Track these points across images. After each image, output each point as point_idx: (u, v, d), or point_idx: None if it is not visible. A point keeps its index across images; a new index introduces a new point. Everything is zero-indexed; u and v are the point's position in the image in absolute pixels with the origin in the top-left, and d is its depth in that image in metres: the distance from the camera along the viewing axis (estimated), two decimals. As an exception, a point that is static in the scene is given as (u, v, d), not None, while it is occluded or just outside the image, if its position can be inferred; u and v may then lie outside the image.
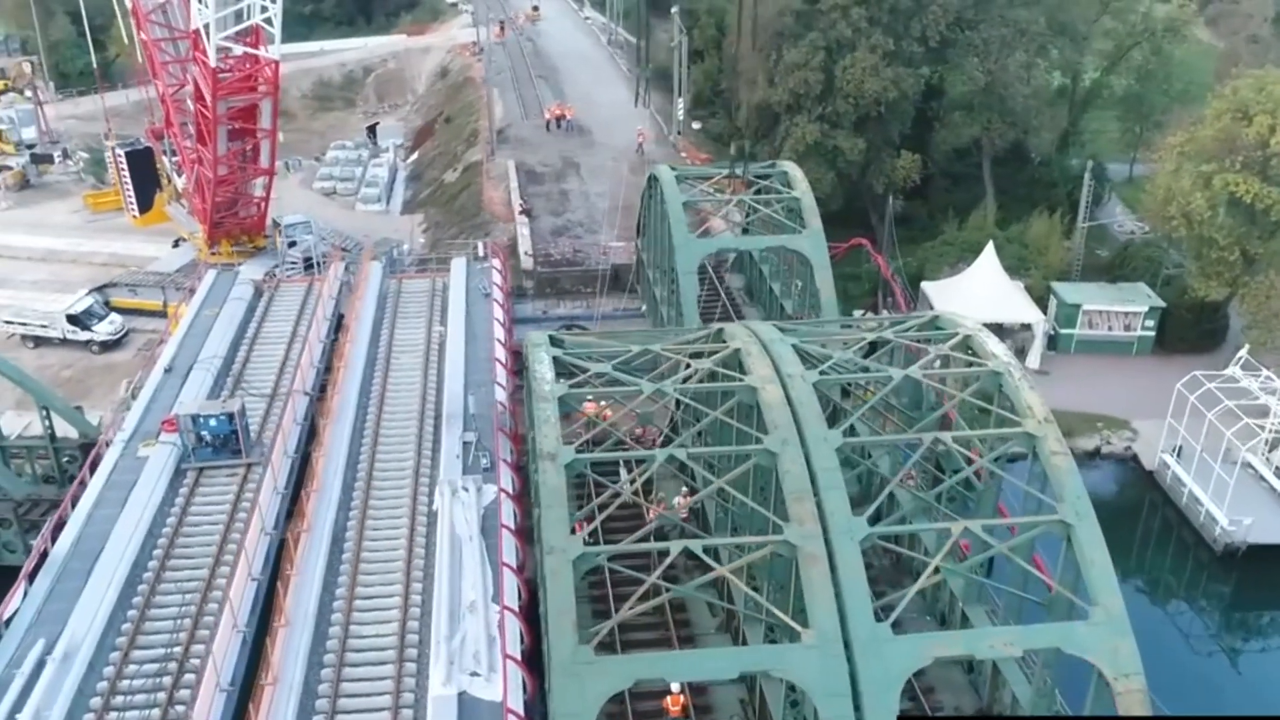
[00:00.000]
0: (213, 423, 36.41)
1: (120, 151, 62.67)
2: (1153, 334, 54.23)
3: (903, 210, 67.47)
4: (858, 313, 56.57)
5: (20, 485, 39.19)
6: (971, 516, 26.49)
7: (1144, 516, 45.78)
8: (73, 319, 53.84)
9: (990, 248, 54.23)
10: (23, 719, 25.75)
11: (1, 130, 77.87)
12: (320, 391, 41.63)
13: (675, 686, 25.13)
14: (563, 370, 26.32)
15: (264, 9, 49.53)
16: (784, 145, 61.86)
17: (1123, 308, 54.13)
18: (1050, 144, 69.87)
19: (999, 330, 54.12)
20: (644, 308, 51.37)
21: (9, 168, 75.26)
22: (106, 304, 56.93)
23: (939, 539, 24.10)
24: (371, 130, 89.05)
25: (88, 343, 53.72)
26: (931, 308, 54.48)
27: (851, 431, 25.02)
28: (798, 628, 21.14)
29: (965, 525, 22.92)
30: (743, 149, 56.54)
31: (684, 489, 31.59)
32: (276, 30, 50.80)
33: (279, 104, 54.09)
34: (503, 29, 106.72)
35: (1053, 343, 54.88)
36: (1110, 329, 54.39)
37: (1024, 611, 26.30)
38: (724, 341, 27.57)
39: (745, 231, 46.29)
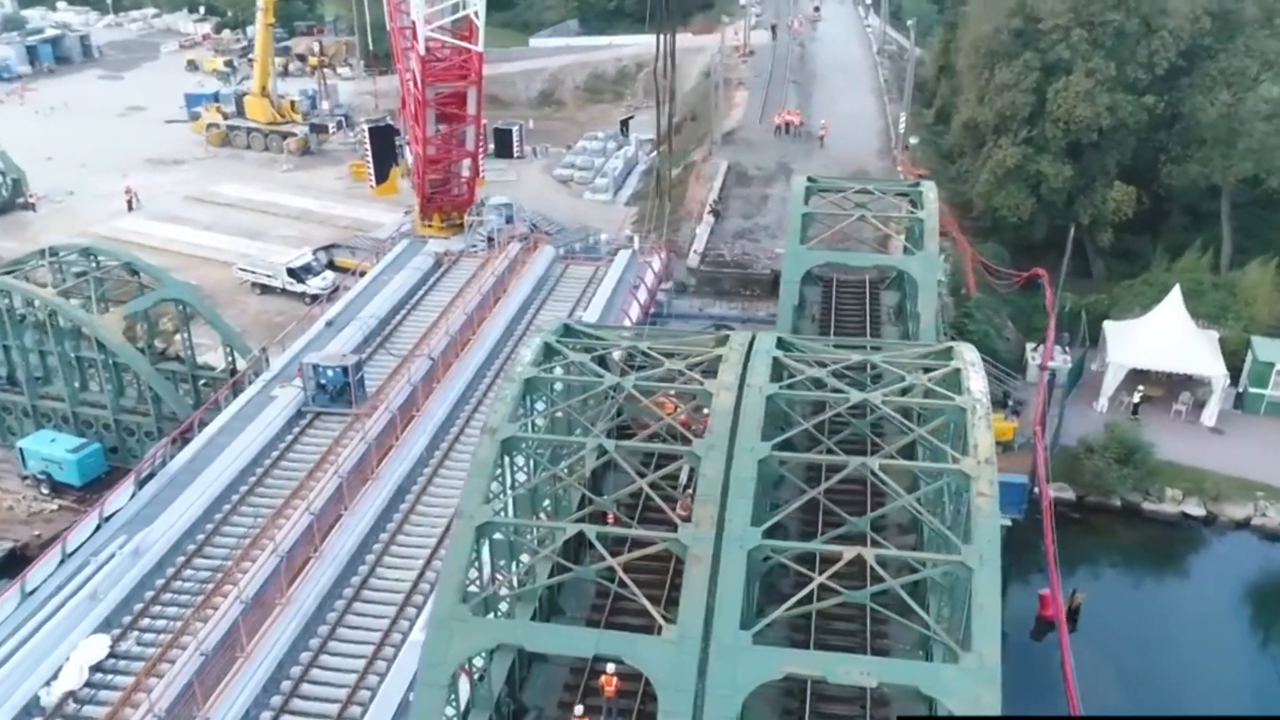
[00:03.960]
0: (330, 373, 40.59)
1: (365, 127, 69.26)
2: (1361, 406, 48.89)
3: (1122, 245, 63.93)
4: (1030, 345, 54.53)
5: (186, 408, 44.95)
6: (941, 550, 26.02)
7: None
8: (292, 272, 60.34)
9: (1176, 291, 50.55)
10: (82, 594, 30.48)
11: (294, 101, 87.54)
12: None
13: (610, 667, 26.20)
14: (552, 356, 27.87)
15: (471, 3, 53.69)
16: (984, 166, 60.02)
17: (1326, 372, 49.13)
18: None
19: (1187, 382, 50.78)
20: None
21: (294, 135, 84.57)
22: (330, 263, 63.28)
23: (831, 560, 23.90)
24: (625, 124, 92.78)
25: (302, 294, 60.01)
26: (1107, 349, 51.82)
27: (789, 446, 25.12)
28: (663, 623, 21.90)
29: (859, 551, 22.73)
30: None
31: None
32: (481, 25, 54.88)
33: (483, 93, 58.27)
34: (774, 32, 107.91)
35: (1240, 401, 50.53)
36: (1310, 394, 49.51)
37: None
38: (723, 346, 28.22)
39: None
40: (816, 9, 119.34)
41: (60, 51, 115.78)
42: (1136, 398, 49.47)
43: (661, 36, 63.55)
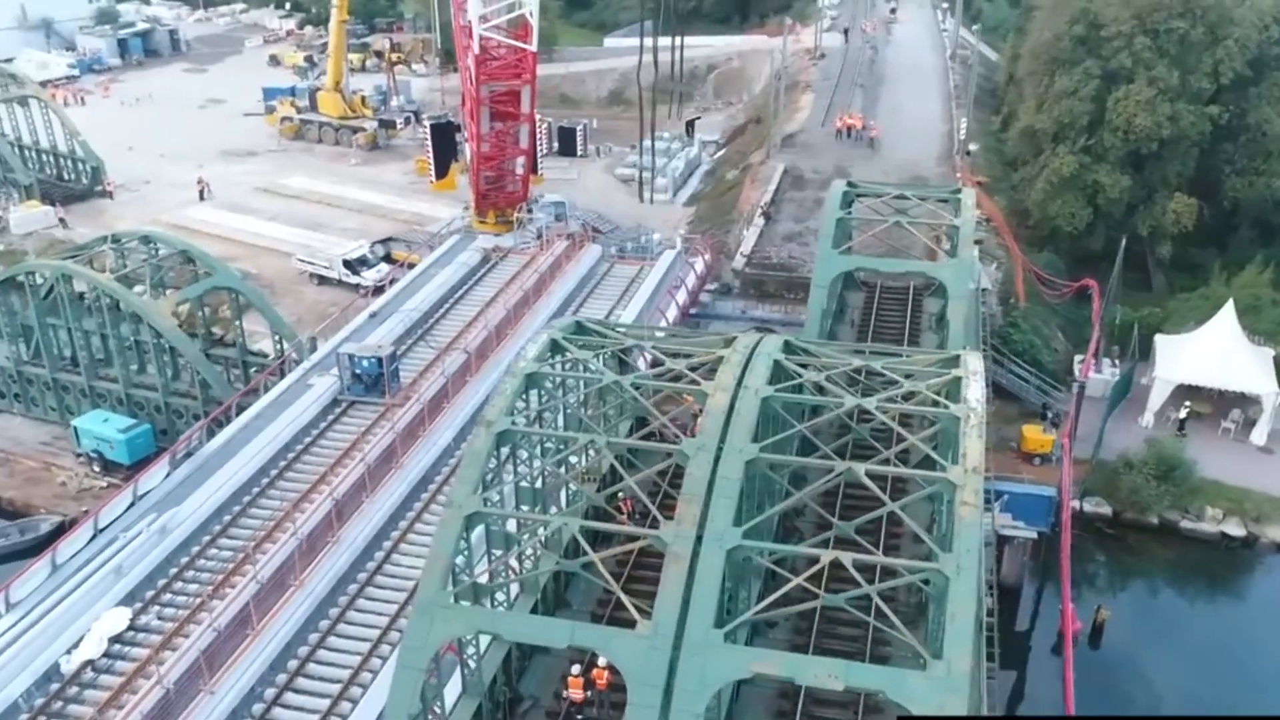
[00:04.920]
0: (365, 363, 41.56)
1: (427, 123, 70.50)
2: None
3: (1186, 258, 62.53)
4: (1079, 356, 53.58)
5: (232, 393, 46.21)
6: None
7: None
8: (347, 264, 61.71)
9: (1229, 306, 49.37)
10: (107, 568, 31.71)
11: (364, 97, 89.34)
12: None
13: (602, 660, 26.51)
14: (558, 353, 28.31)
15: (526, 3, 54.45)
16: (1040, 175, 59.16)
17: (1387, 393, 47.51)
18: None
19: (1238, 399, 49.56)
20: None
21: (363, 130, 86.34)
22: (386, 255, 64.53)
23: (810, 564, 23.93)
24: (690, 125, 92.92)
25: (357, 286, 61.29)
26: (1156, 362, 50.83)
27: (780, 449, 25.20)
28: (638, 617, 22.17)
29: (835, 555, 22.76)
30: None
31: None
32: (535, 25, 55.61)
33: (536, 92, 58.97)
34: (846, 35, 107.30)
35: (1297, 421, 49.20)
36: (1370, 416, 47.95)
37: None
38: (727, 348, 28.38)
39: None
40: (893, 11, 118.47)
41: (150, 45, 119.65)
42: (1183, 414, 48.44)
43: (642, 39, 64.87)
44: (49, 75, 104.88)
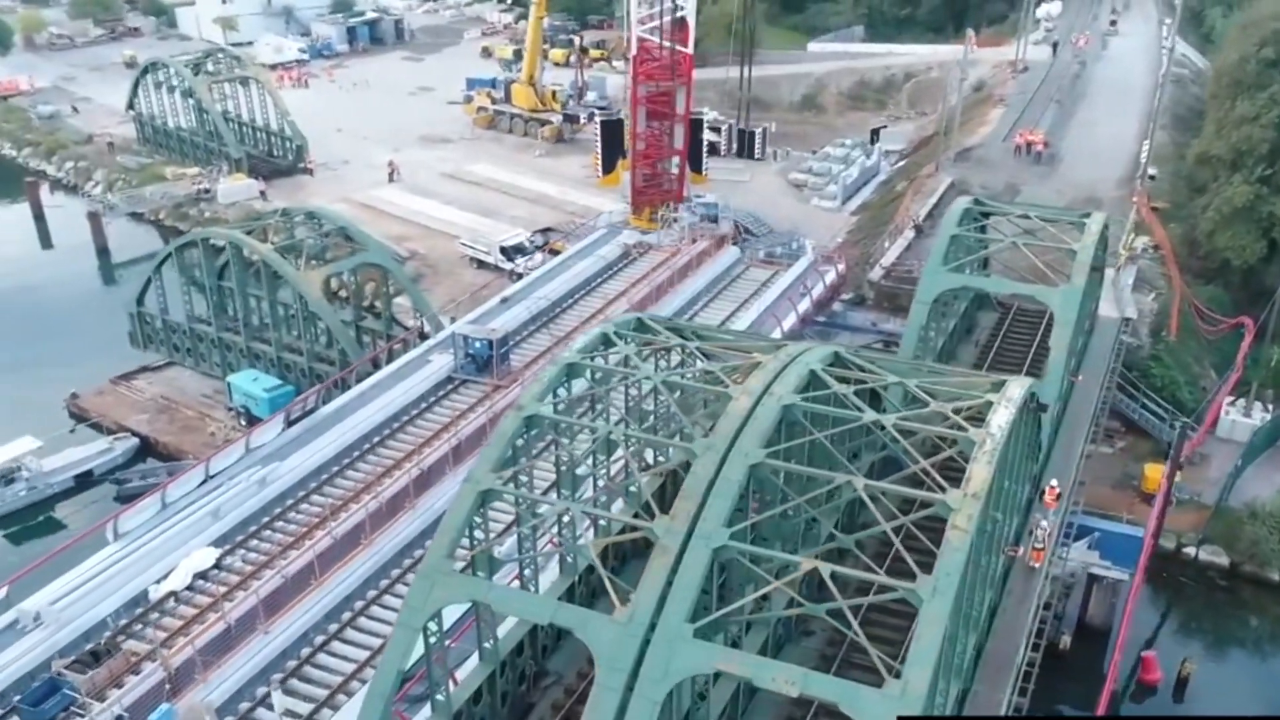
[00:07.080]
0: (477, 344, 43.66)
1: (598, 120, 72.44)
2: None
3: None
4: (1228, 400, 50.48)
5: (360, 354, 49.18)
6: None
7: None
8: (504, 250, 64.31)
9: (1393, 354, 45.68)
10: (205, 510, 34.79)
11: (555, 91, 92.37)
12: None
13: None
14: (608, 345, 29.32)
15: (681, 7, 55.55)
16: (1210, 204, 56.00)
17: None
18: None
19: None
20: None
21: (550, 123, 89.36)
22: (545, 245, 66.89)
23: (791, 570, 24.02)
24: (875, 133, 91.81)
25: (511, 271, 63.85)
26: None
27: (783, 457, 25.41)
28: (618, 604, 23.04)
29: (815, 565, 22.89)
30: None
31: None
32: (692, 28, 56.64)
33: (692, 94, 59.93)
34: (1054, 49, 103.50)
35: None
36: None
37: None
38: (770, 354, 28.76)
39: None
40: (1113, 24, 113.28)
41: (376, 33, 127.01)
42: (1331, 468, 45.19)
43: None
44: (281, 59, 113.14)
